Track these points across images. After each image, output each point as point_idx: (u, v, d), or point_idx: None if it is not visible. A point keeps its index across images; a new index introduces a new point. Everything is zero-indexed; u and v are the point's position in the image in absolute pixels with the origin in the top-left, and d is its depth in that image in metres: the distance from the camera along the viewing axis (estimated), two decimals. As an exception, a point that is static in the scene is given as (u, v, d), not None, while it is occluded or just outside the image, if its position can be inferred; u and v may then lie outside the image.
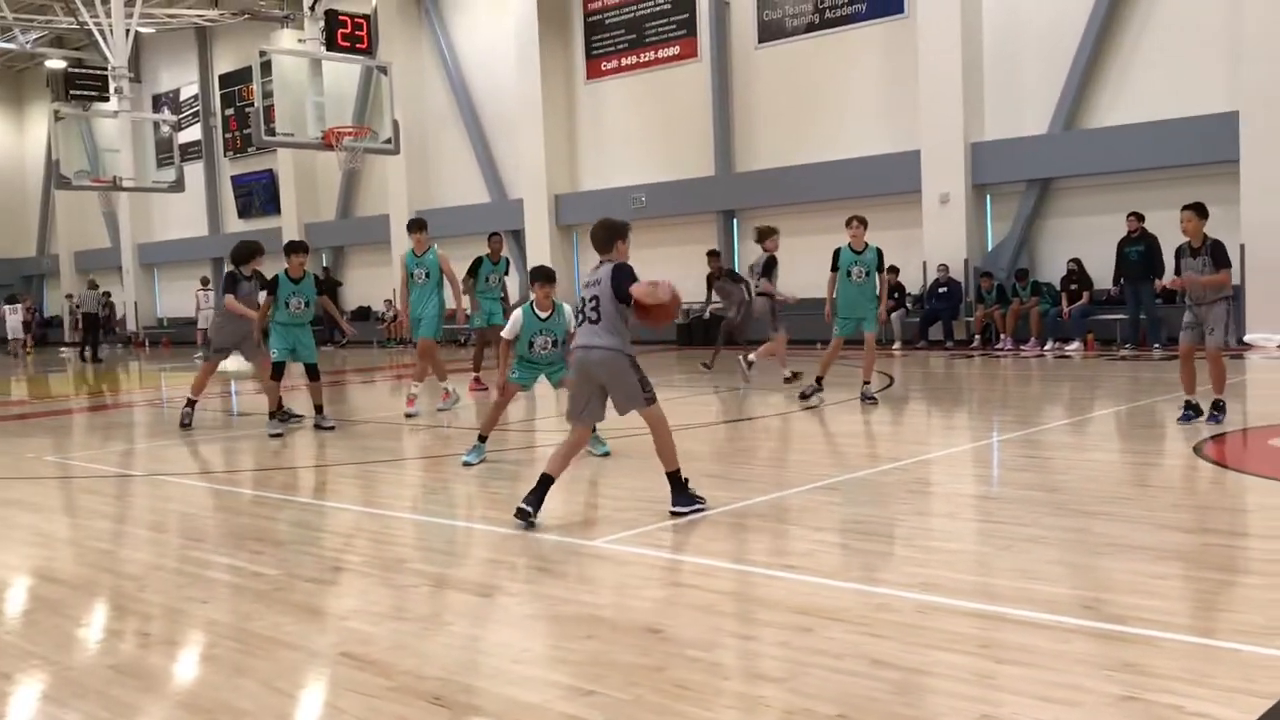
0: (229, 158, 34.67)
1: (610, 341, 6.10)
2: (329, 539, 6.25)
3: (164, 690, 3.86)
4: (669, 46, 23.42)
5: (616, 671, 3.75)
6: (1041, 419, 10.10)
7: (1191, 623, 4.00)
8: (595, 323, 6.13)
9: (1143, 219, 16.12)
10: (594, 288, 6.18)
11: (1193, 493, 6.59)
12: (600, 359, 6.12)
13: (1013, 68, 18.79)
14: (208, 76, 35.04)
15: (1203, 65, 16.82)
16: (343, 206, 30.98)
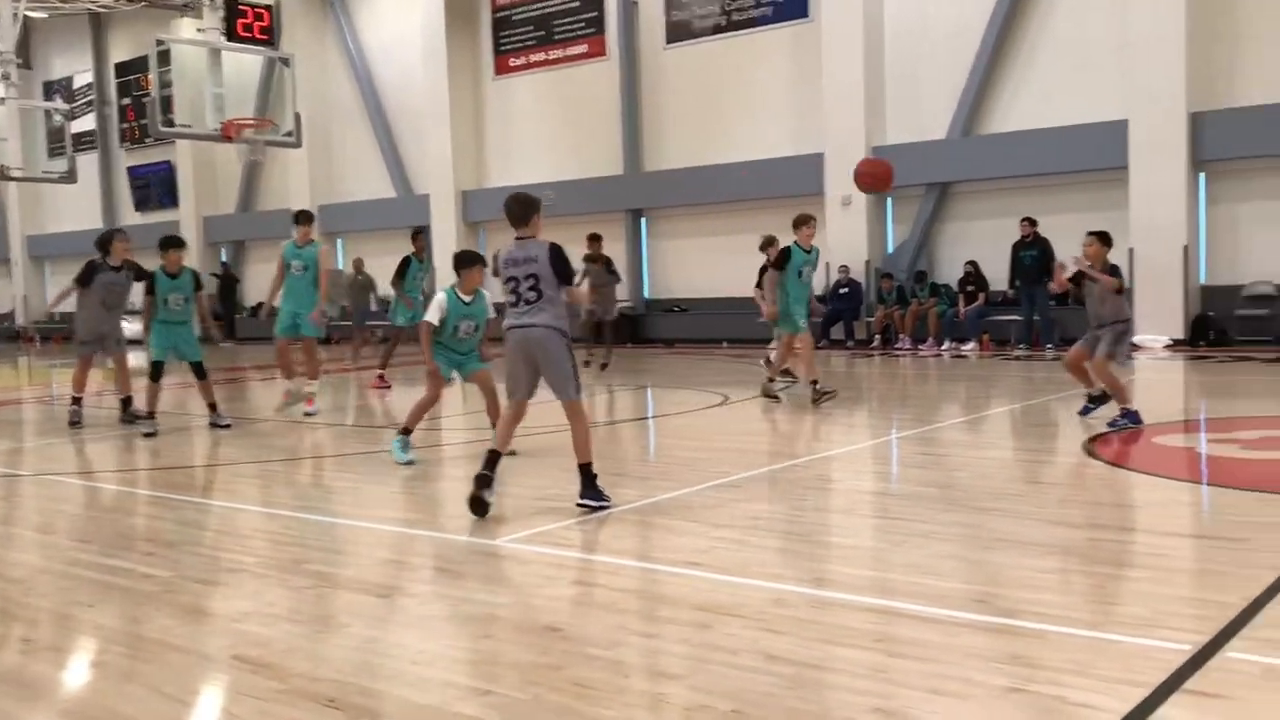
0: (125, 148, 33.68)
1: (552, 320, 6.09)
2: (223, 539, 6.12)
3: (48, 699, 3.74)
4: (578, 44, 23.39)
5: (515, 671, 3.74)
6: (938, 417, 10.33)
7: (1077, 616, 4.13)
8: (533, 302, 6.08)
9: (1035, 224, 16.60)
10: (529, 265, 6.10)
11: (1081, 489, 6.80)
12: (541, 337, 6.08)
13: (913, 74, 19.16)
14: (103, 64, 33.99)
15: (1094, 75, 17.35)
16: (243, 200, 30.32)
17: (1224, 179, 16.59)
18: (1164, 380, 13.23)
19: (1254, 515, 5.70)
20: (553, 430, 9.95)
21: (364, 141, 27.35)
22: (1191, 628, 3.90)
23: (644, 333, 22.48)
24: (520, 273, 6.12)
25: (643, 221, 23.07)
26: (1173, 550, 5.18)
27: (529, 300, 6.10)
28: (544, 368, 6.18)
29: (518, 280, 6.13)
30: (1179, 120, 16.13)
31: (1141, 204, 16.47)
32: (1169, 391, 12.29)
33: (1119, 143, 16.60)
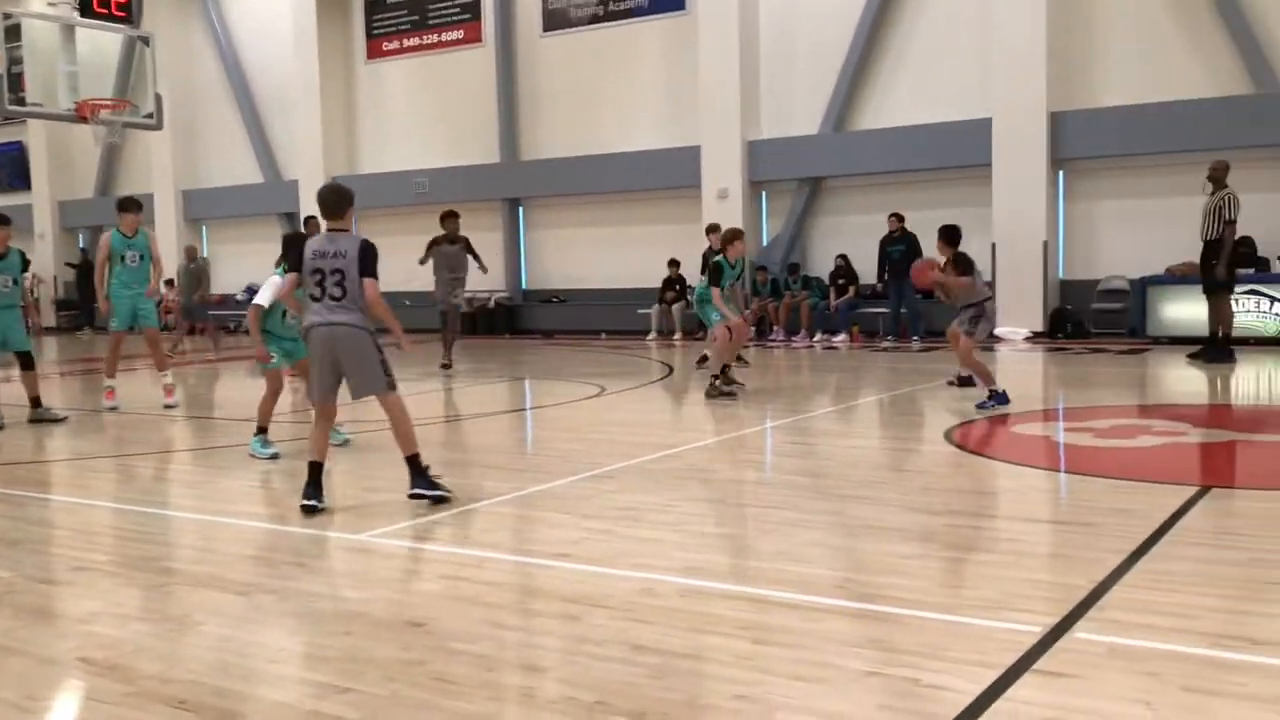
0: (-28, 127, 32.03)
1: (356, 319, 5.90)
2: (71, 537, 5.86)
3: None
4: (453, 30, 23.07)
5: (375, 667, 3.66)
6: (809, 407, 10.50)
7: (933, 600, 4.23)
8: (339, 299, 5.87)
9: (903, 219, 17.02)
10: (336, 260, 5.87)
11: (943, 477, 6.98)
12: (346, 335, 5.90)
13: (787, 70, 19.43)
14: (-52, 38, 32.23)
15: (960, 75, 17.84)
16: (102, 184, 29.11)
17: (1081, 177, 17.26)
18: (1024, 371, 13.70)
19: (1104, 501, 5.93)
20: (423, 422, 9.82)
21: (230, 125, 26.52)
22: (1042, 610, 4.03)
23: (521, 324, 22.34)
24: (328, 266, 5.89)
25: (520, 211, 22.91)
26: (1026, 535, 5.36)
27: (334, 296, 5.88)
28: (348, 367, 6.00)
29: (324, 274, 5.89)
30: (1039, 120, 16.71)
31: (1004, 200, 17.01)
32: (1029, 382, 12.72)
33: (983, 141, 17.11)
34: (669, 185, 20.28)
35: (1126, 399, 10.65)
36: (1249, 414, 9.71)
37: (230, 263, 26.88)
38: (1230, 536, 5.16)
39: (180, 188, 26.89)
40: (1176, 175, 15.93)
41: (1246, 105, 15.62)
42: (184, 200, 26.97)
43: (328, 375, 6.03)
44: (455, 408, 10.74)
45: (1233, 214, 12.53)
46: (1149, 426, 8.60)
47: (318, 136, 24.18)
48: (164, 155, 26.51)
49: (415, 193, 22.96)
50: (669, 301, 19.73)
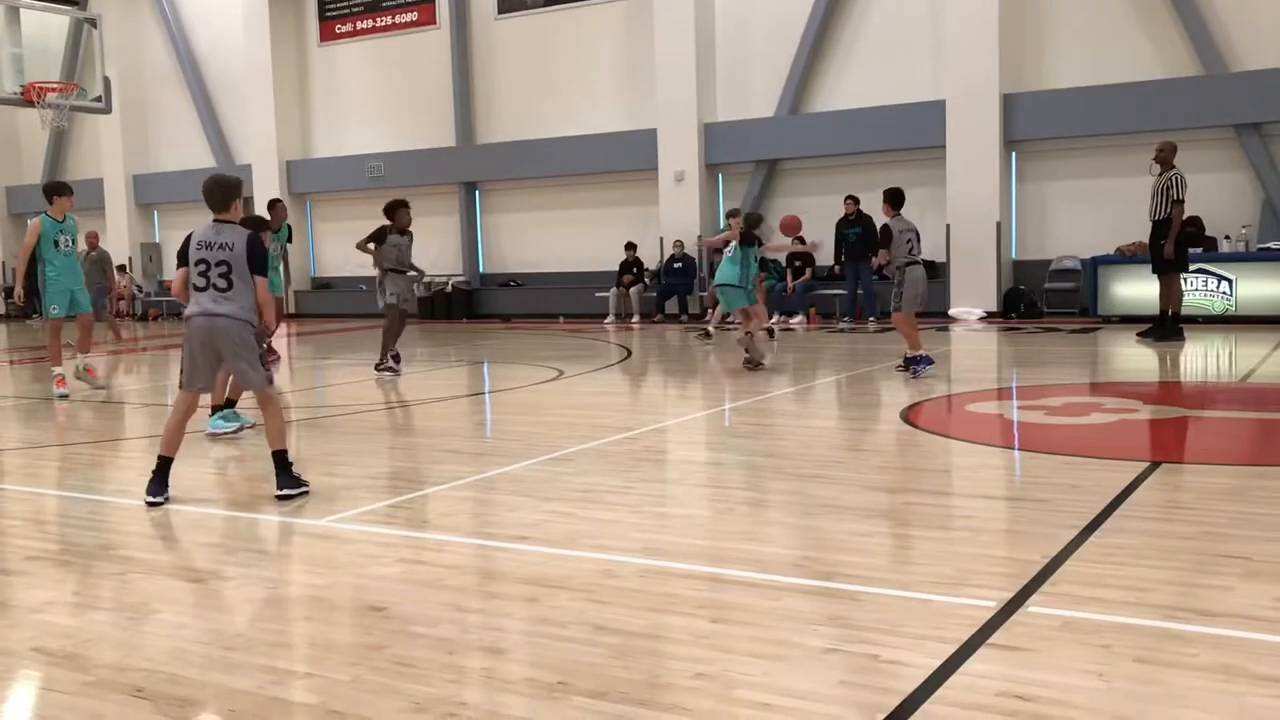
0: (-86, 112, 31.33)
1: (241, 311, 5.96)
2: (22, 527, 5.77)
3: None
4: (407, 12, 22.88)
5: (335, 653, 3.65)
6: (767, 388, 10.54)
7: (890, 576, 4.28)
8: (223, 290, 5.92)
9: (858, 201, 17.11)
10: (222, 251, 5.91)
11: (899, 456, 7.05)
12: (228, 327, 5.95)
13: (743, 53, 19.45)
14: (-114, 20, 31.48)
15: (914, 57, 17.96)
16: (50, 169, 28.59)
17: (1033, 159, 17.44)
18: (978, 350, 13.85)
19: (1057, 477, 6.02)
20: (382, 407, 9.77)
21: (181, 109, 26.16)
22: (997, 585, 4.09)
23: (479, 308, 22.26)
24: (213, 258, 5.93)
25: (476, 194, 22.80)
26: (981, 512, 5.43)
27: (218, 288, 5.93)
28: (229, 359, 6.06)
29: (209, 265, 5.93)
30: (992, 102, 16.86)
31: (958, 182, 17.17)
32: (983, 361, 12.87)
33: (937, 123, 17.24)
34: (626, 168, 20.27)
35: (1078, 377, 10.80)
36: (1198, 391, 9.88)
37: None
38: (1180, 510, 5.26)
39: (131, 172, 26.51)
40: (1126, 156, 16.15)
41: (1194, 87, 15.85)
42: (134, 185, 26.59)
43: (203, 364, 6.08)
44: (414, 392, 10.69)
45: (1180, 194, 12.72)
46: (1100, 404, 8.73)
47: (270, 120, 23.92)
48: (114, 139, 26.12)
49: (369, 177, 22.80)
50: (626, 285, 19.73)
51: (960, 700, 3.06)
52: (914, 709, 3.01)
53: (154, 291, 26.33)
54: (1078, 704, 3.01)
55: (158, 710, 3.21)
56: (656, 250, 19.98)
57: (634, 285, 19.68)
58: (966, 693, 3.11)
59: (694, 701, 3.12)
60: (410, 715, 3.10)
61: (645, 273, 20.05)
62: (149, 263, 26.58)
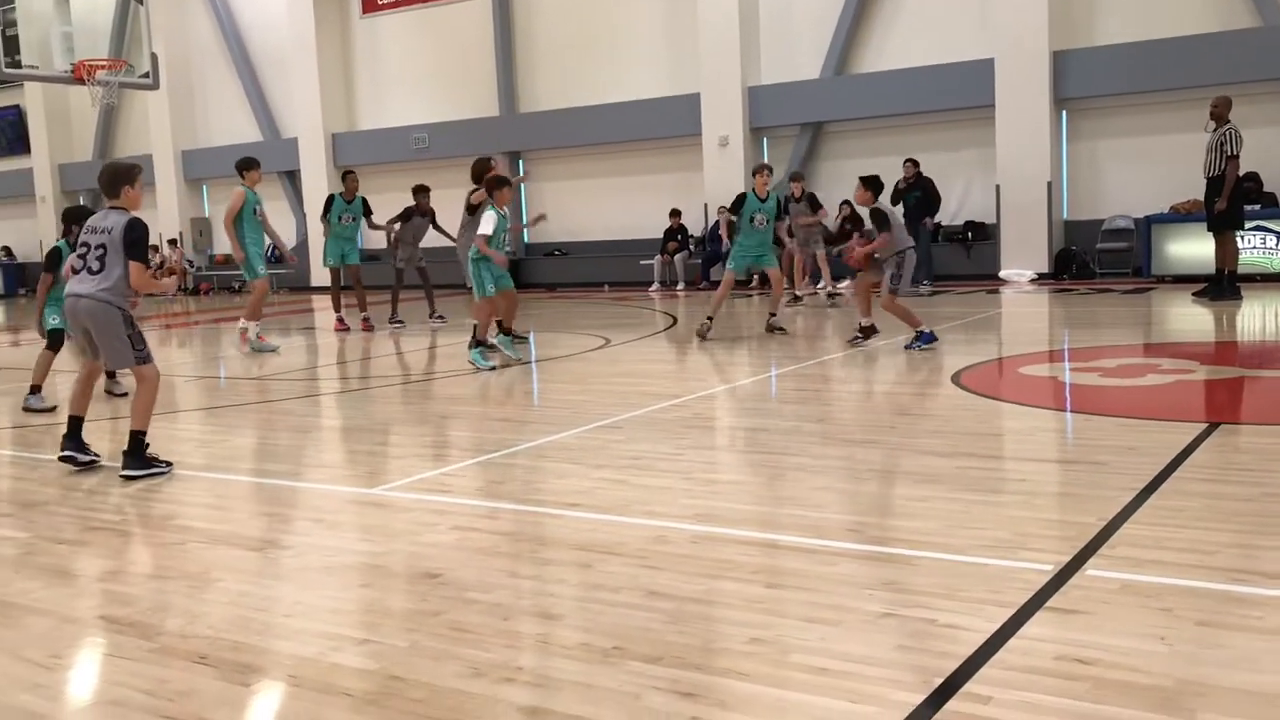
0: (-33, 92, 31.81)
1: (105, 294, 6.04)
2: (88, 498, 5.89)
3: (-105, 668, 3.56)
4: (448, -18, 22.82)
5: (393, 619, 3.70)
6: (816, 354, 10.49)
7: (945, 541, 4.25)
8: (95, 272, 6.05)
9: (918, 165, 16.88)
10: (102, 235, 6.07)
11: (950, 420, 6.98)
12: (89, 309, 6.06)
13: (787, 14, 19.22)
14: (-62, 2, 31.94)
15: (961, 15, 17.66)
16: (101, 146, 28.97)
17: (1085, 117, 17.12)
18: (1030, 313, 13.67)
19: (1112, 439, 5.94)
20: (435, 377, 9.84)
21: (227, 84, 26.34)
22: (1053, 548, 4.05)
23: (524, 278, 22.27)
24: (94, 240, 6.10)
25: (520, 163, 22.77)
26: (1036, 475, 5.37)
27: (92, 270, 6.07)
28: (98, 338, 6.17)
29: (89, 248, 6.10)
30: (1041, 59, 16.55)
31: (1007, 141, 16.90)
32: (1035, 324, 12.71)
33: (986, 82, 16.96)
34: (669, 134, 20.16)
35: (1133, 338, 10.63)
36: (1255, 350, 9.70)
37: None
38: (1240, 472, 5.17)
39: (179, 148, 26.77)
40: (1180, 112, 15.81)
41: (1249, 39, 15.46)
42: (183, 160, 26.85)
43: (82, 341, 6.32)
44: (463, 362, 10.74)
45: (1235, 149, 12.43)
46: (1156, 365, 8.60)
47: (315, 93, 24.02)
48: (162, 115, 26.36)
49: (414, 148, 22.86)
50: (671, 252, 19.68)
51: (1019, 664, 3.04)
52: (972, 673, 2.99)
53: (204, 266, 26.64)
54: (1140, 667, 2.98)
55: (221, 676, 3.27)
56: (701, 217, 19.89)
57: (678, 252, 19.62)
58: (1025, 656, 3.09)
59: (750, 666, 3.13)
60: (467, 680, 3.13)
61: (690, 239, 19.97)
62: (199, 237, 26.88)
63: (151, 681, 3.26)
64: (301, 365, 11.57)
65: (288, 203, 25.74)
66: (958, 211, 18.02)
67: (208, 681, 3.24)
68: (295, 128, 24.80)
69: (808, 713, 2.83)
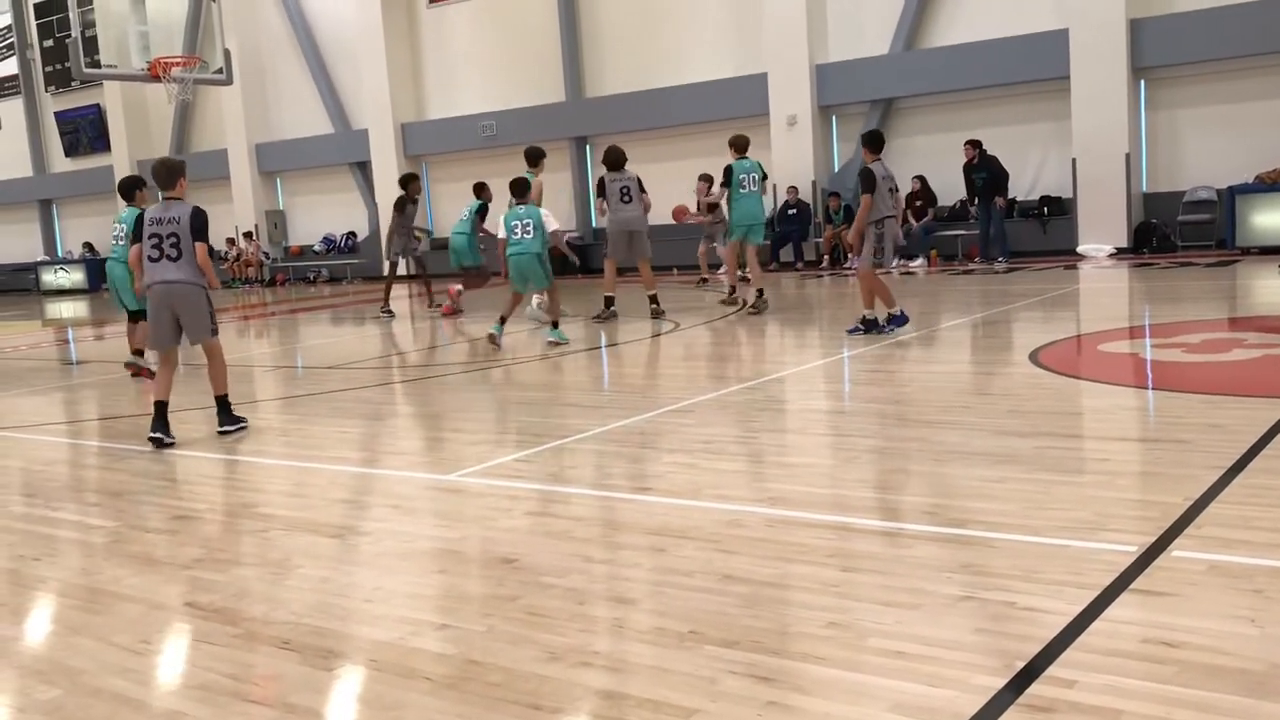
0: (51, 93, 32.64)
1: (192, 276, 6.81)
2: (172, 487, 6.04)
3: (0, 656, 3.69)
4: (513, -31, 22.88)
5: (470, 604, 3.74)
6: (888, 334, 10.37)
7: (1024, 523, 4.18)
8: (175, 259, 6.75)
9: (979, 145, 16.60)
10: (171, 225, 6.75)
11: (1029, 399, 6.86)
12: (182, 292, 6.83)
13: (854, -11, 18.97)
14: (21, 6, 32.74)
15: (1034, -16, 17.27)
16: (177, 141, 29.58)
17: (1164, 86, 16.66)
18: (1109, 288, 13.38)
19: (1197, 417, 5.79)
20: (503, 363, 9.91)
21: (298, 77, 26.70)
22: (1137, 529, 3.96)
23: (593, 262, 22.32)
24: (164, 231, 6.76)
25: (587, 149, 22.81)
26: (1118, 455, 5.26)
27: (171, 257, 6.75)
28: (183, 317, 6.90)
29: (160, 238, 6.76)
30: (1118, 28, 16.14)
31: (1083, 113, 16.52)
32: (1114, 299, 12.44)
33: (1060, 52, 16.59)
34: (736, 115, 20.00)
35: (1217, 313, 10.35)
36: (1348, 323, 9.39)
37: (305, 213, 27.26)
38: (1332, 449, 5.01)
39: (253, 141, 27.20)
40: (1264, 78, 15.33)
41: (1339, 0, 14.91)
42: (257, 153, 27.29)
43: (167, 326, 6.93)
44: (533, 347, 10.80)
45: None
46: (1242, 340, 8.36)
47: (384, 84, 24.25)
48: (235, 110, 26.80)
49: (483, 136, 22.98)
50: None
51: (1103, 647, 2.98)
52: (1055, 656, 2.94)
53: (280, 257, 27.09)
54: (1229, 650, 2.90)
55: (304, 661, 3.33)
56: (770, 198, 19.73)
57: (746, 234, 19.48)
58: (1110, 639, 3.03)
59: (827, 650, 3.10)
60: (545, 664, 3.15)
61: (759, 221, 19.82)
62: (274, 229, 27.34)
63: (237, 666, 3.34)
64: (375, 352, 11.72)
65: (359, 194, 26.05)
66: (1032, 187, 17.67)
67: (291, 666, 3.30)
68: (365, 119, 25.08)
69: (886, 697, 2.80)
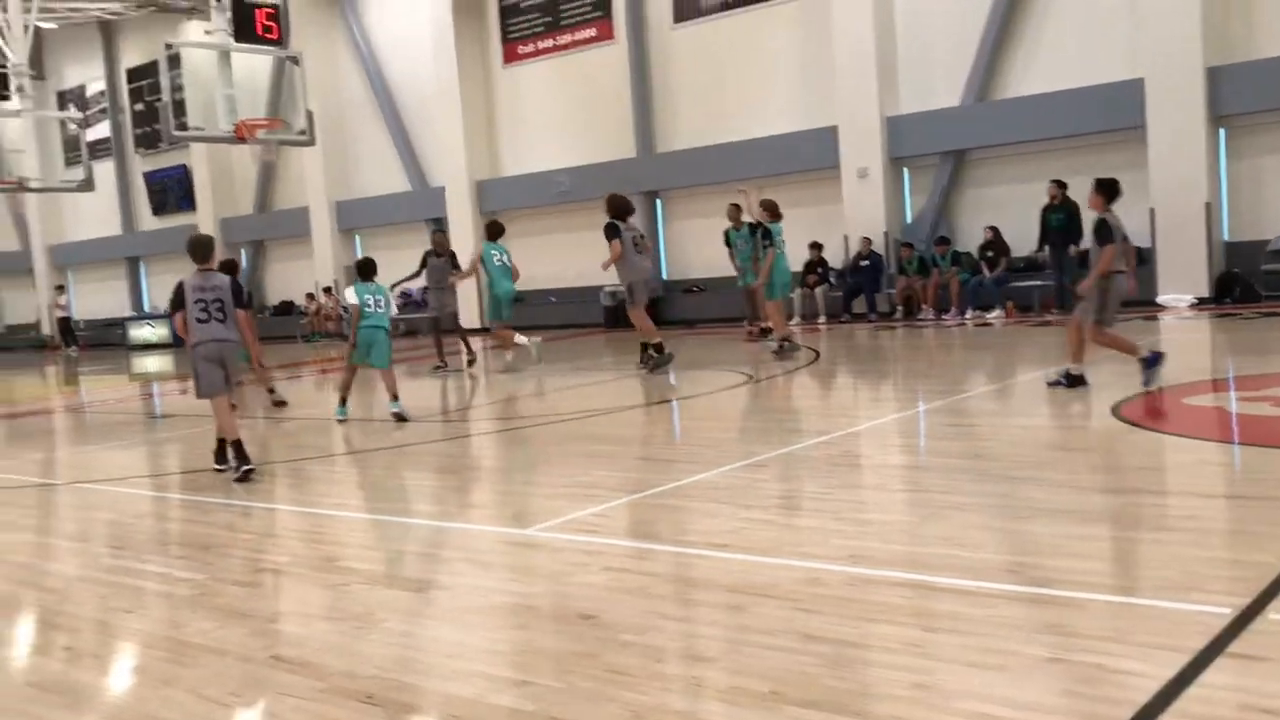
0: (140, 154, 33.81)
1: (235, 334, 8.01)
2: (257, 540, 6.15)
3: (89, 705, 3.77)
4: (585, 28, 23.29)
5: (550, 660, 3.75)
6: (965, 387, 10.26)
7: (1113, 582, 4.10)
8: (222, 321, 7.87)
9: (1064, 186, 16.43)
10: (215, 292, 7.84)
11: (1112, 454, 6.74)
12: (233, 349, 8.03)
13: (924, 42, 18.99)
14: (114, 71, 34.09)
15: (1107, 34, 17.14)
16: (260, 200, 30.41)
17: (1245, 133, 16.37)
18: (1191, 339, 13.11)
19: (1289, 473, 5.64)
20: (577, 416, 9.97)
21: (377, 136, 27.34)
22: (1230, 590, 3.86)
23: (664, 314, 22.43)
24: (209, 297, 7.83)
25: (658, 203, 23.00)
26: (1206, 512, 5.13)
27: (219, 320, 7.86)
28: (230, 369, 8.00)
29: (207, 304, 7.81)
30: (1195, 76, 15.93)
31: (1161, 162, 16.29)
32: (1197, 350, 12.18)
33: (1135, 102, 16.40)
34: (807, 167, 20.07)
35: (1307, 364, 10.08)
36: None
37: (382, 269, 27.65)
38: None
39: (333, 199, 27.85)
40: (1352, 124, 14.98)
41: None
42: (337, 211, 27.92)
43: (219, 375, 7.89)
44: (604, 399, 10.86)
45: None
46: (1334, 393, 8.13)
47: (460, 142, 24.73)
48: (316, 168, 27.48)
49: (556, 192, 23.27)
50: (811, 285, 19.53)
51: (1199, 713, 2.90)
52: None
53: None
54: (1332, 719, 2.81)
55: (388, 716, 3.37)
56: (841, 249, 19.72)
57: (819, 285, 19.46)
58: (1205, 705, 2.95)
59: (911, 712, 3.06)
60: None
61: (830, 272, 19.80)
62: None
63: (323, 720, 3.38)
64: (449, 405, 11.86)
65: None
66: (1110, 236, 17.41)
67: (375, 721, 3.34)
68: (441, 176, 25.58)
69: (974, 762, 2.75)
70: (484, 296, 14.91)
